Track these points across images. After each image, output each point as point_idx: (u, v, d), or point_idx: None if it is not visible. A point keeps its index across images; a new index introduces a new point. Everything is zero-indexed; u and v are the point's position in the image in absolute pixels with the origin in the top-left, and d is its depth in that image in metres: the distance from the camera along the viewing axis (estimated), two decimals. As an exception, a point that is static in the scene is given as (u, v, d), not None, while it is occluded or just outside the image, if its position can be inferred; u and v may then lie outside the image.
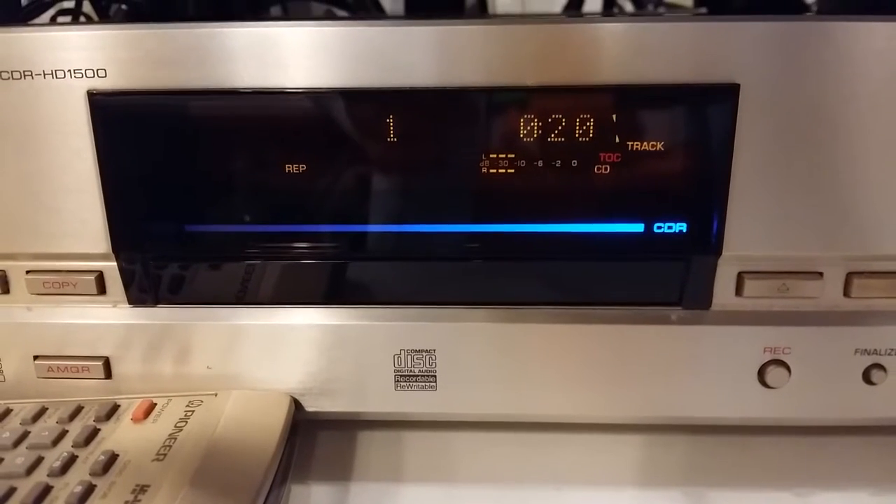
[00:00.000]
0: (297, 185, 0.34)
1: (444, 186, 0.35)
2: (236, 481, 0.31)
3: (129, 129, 0.34)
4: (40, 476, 0.31)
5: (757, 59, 0.32)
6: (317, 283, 0.37)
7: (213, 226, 0.36)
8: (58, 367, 0.37)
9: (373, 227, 0.35)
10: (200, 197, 0.35)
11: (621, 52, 0.32)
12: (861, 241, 0.34)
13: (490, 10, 0.73)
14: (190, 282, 0.37)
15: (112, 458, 0.32)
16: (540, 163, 0.33)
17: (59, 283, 0.37)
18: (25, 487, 0.30)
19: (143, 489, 0.30)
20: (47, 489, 0.30)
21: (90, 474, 0.31)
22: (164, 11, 0.59)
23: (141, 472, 0.31)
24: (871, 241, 0.34)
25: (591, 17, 0.50)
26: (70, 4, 0.53)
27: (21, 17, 0.46)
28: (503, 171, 0.34)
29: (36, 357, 0.38)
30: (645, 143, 0.33)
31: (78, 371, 0.37)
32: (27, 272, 0.37)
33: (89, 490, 0.30)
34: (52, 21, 0.51)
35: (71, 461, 0.32)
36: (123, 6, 0.57)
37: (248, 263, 0.36)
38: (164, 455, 0.33)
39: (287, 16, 0.70)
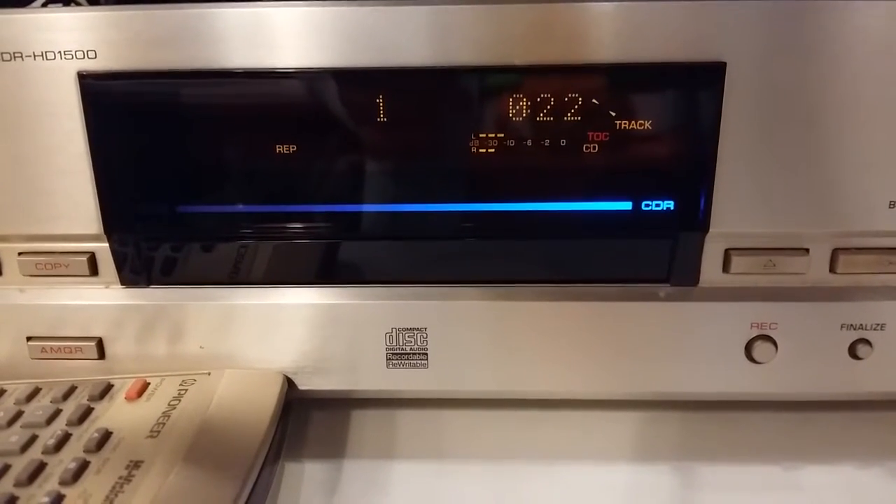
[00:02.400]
0: (288, 166, 0.34)
1: (434, 166, 0.35)
2: (229, 458, 0.32)
3: (120, 110, 0.34)
4: (35, 454, 0.31)
5: (744, 39, 0.32)
6: (309, 262, 0.37)
7: (205, 206, 0.36)
8: (51, 348, 0.38)
9: (364, 207, 0.35)
10: (192, 178, 0.35)
11: (609, 31, 0.32)
12: (846, 217, 0.35)
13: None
14: (182, 262, 0.37)
15: (106, 435, 0.32)
16: (529, 142, 0.34)
17: (51, 265, 0.37)
18: (20, 465, 0.30)
19: (136, 465, 0.31)
20: (41, 466, 0.30)
21: (84, 451, 0.31)
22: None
23: (134, 448, 0.32)
24: (857, 217, 0.35)
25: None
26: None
27: (10, 1, 0.46)
28: (493, 150, 0.34)
29: (29, 338, 0.38)
30: (632, 122, 0.33)
31: (71, 352, 0.38)
32: (19, 254, 0.37)
33: (83, 466, 0.30)
34: (43, 4, 0.50)
35: (65, 439, 0.32)
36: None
37: (240, 244, 0.37)
38: (158, 432, 0.33)
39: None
